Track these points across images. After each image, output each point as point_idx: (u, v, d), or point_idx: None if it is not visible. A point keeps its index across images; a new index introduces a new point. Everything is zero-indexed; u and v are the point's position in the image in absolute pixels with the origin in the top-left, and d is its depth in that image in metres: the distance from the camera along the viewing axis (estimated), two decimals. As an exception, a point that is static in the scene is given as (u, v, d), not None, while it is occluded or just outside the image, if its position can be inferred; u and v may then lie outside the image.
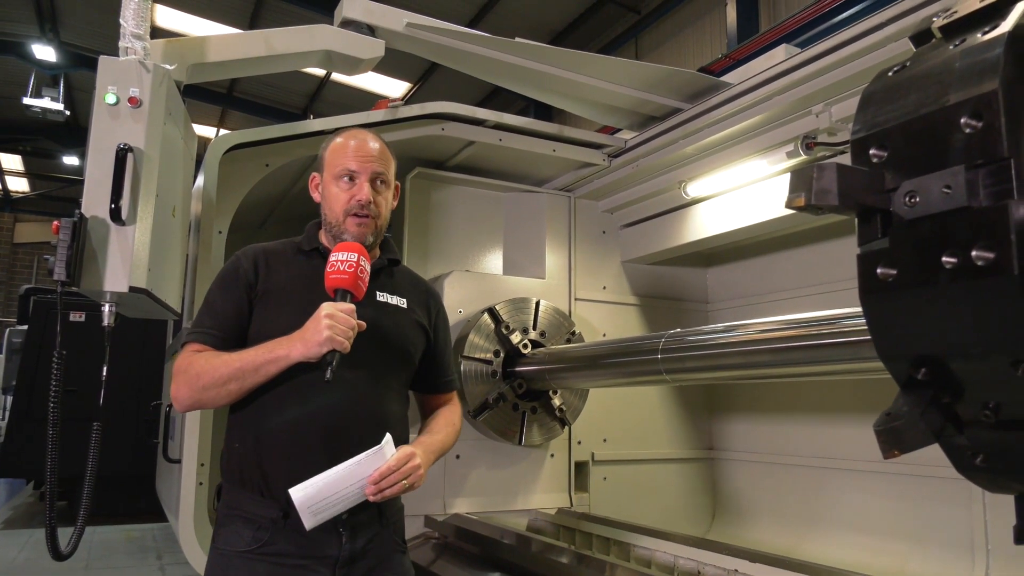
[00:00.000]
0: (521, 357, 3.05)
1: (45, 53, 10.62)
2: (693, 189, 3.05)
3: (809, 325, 1.85)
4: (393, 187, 1.80)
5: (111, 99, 2.03)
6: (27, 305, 8.24)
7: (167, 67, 2.18)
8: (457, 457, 3.05)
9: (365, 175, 1.72)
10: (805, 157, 2.45)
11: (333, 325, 1.51)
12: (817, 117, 2.43)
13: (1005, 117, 0.76)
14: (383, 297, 1.78)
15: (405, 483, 1.58)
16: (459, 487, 3.06)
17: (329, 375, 1.50)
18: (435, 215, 3.40)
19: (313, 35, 2.63)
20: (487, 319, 3.05)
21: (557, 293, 3.38)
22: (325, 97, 12.64)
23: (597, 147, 3.30)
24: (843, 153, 2.43)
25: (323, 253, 1.75)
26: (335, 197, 1.73)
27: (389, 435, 1.60)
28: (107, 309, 2.09)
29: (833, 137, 2.44)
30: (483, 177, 3.44)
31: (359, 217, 1.71)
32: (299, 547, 1.59)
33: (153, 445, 4.54)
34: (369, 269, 1.63)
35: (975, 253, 0.77)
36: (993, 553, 2.51)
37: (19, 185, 17.71)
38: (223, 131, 13.59)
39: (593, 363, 2.83)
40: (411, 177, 3.28)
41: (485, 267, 3.48)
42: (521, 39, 2.84)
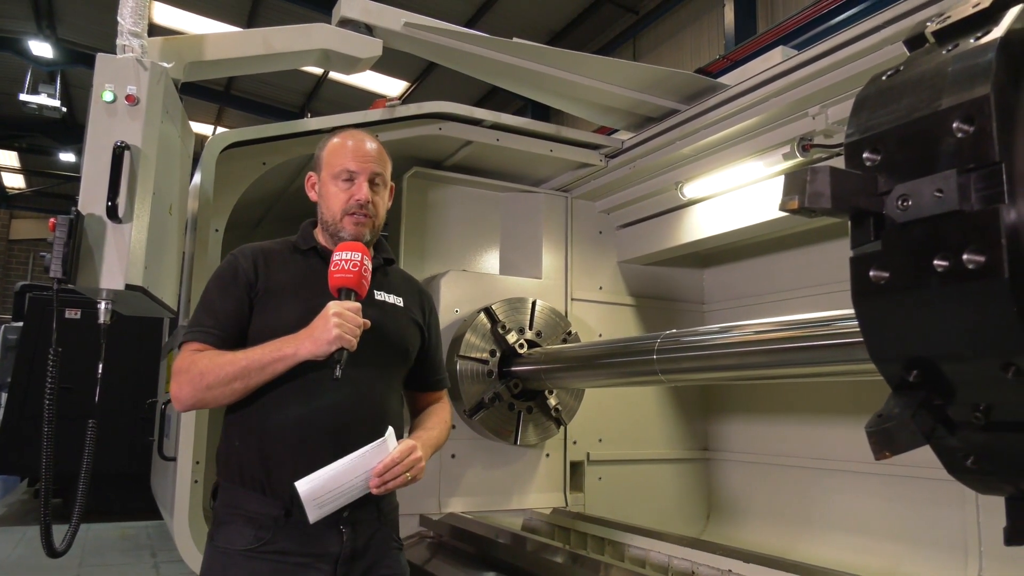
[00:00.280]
0: (517, 357, 3.05)
1: (42, 50, 10.58)
2: (690, 190, 3.06)
3: (804, 327, 1.86)
4: (389, 187, 1.82)
5: (108, 97, 2.04)
6: (23, 302, 8.21)
7: (164, 65, 2.18)
8: (452, 456, 3.06)
9: (364, 175, 1.73)
10: (801, 159, 2.45)
11: (342, 323, 1.52)
12: (814, 119, 2.44)
13: (997, 122, 0.77)
14: (381, 296, 1.79)
15: (408, 475, 1.59)
16: (454, 486, 3.06)
17: (338, 373, 1.52)
18: (432, 215, 3.40)
19: (311, 34, 2.63)
20: (483, 319, 3.06)
21: (553, 293, 3.38)
22: (323, 96, 12.62)
23: (594, 148, 3.30)
24: (839, 155, 2.44)
25: (320, 252, 1.76)
26: (333, 197, 1.74)
27: (391, 428, 1.62)
28: (103, 306, 2.09)
29: (829, 139, 2.45)
30: (480, 177, 3.44)
31: (357, 216, 1.71)
32: (301, 545, 1.59)
33: (148, 443, 4.53)
34: (371, 268, 1.64)
35: (966, 256, 0.77)
36: (986, 554, 2.52)
37: (15, 181, 17.68)
38: (220, 129, 13.59)
39: (589, 363, 2.83)
40: (408, 176, 3.28)
41: (482, 267, 3.48)
42: (519, 39, 2.84)
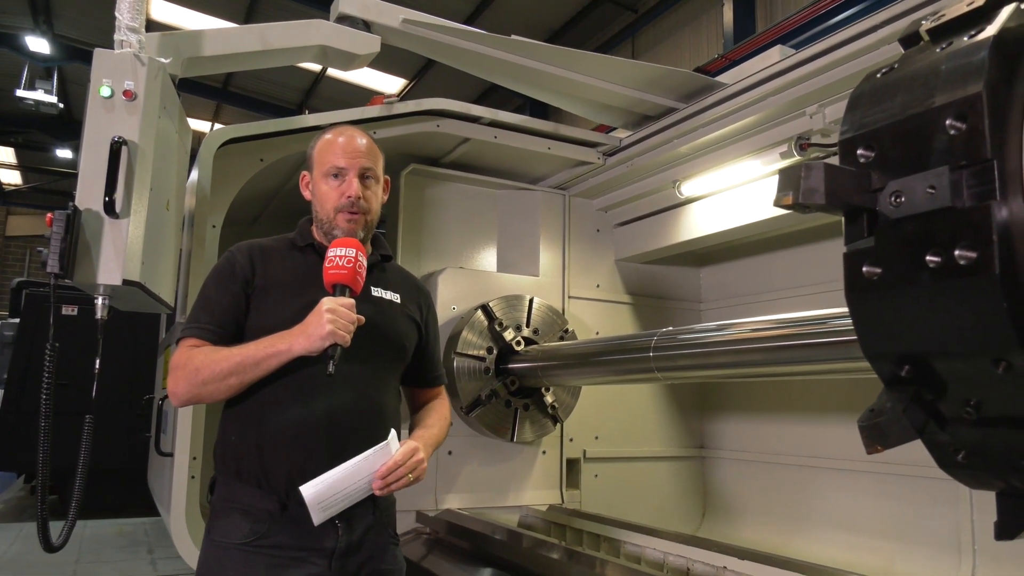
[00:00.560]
0: (514, 354, 3.05)
1: (39, 45, 10.57)
2: (687, 188, 3.07)
3: (799, 324, 1.87)
4: (382, 182, 1.81)
5: (106, 92, 2.03)
6: (19, 298, 8.19)
7: (162, 61, 2.18)
8: (449, 453, 3.06)
9: (353, 171, 1.72)
10: (799, 158, 2.46)
11: (335, 319, 1.52)
12: (811, 118, 2.44)
13: (989, 119, 0.77)
14: (378, 292, 1.79)
15: (411, 477, 1.60)
16: (451, 483, 3.07)
17: (331, 368, 1.52)
18: (429, 212, 3.40)
19: (309, 30, 2.63)
20: (480, 316, 3.06)
21: (551, 291, 3.39)
22: (320, 92, 12.61)
23: (592, 145, 3.31)
24: (836, 154, 2.44)
25: (317, 249, 1.76)
26: (325, 194, 1.74)
27: (394, 431, 1.64)
28: (100, 302, 2.09)
29: (826, 138, 2.45)
30: (478, 174, 3.45)
31: (349, 213, 1.71)
32: (296, 539, 1.60)
33: (145, 439, 4.53)
34: (366, 264, 1.64)
35: (958, 253, 0.78)
36: (980, 552, 2.53)
37: (11, 178, 17.64)
38: (218, 125, 13.55)
39: (585, 361, 2.84)
40: (406, 173, 3.28)
41: (479, 264, 3.49)
42: (517, 37, 2.85)
